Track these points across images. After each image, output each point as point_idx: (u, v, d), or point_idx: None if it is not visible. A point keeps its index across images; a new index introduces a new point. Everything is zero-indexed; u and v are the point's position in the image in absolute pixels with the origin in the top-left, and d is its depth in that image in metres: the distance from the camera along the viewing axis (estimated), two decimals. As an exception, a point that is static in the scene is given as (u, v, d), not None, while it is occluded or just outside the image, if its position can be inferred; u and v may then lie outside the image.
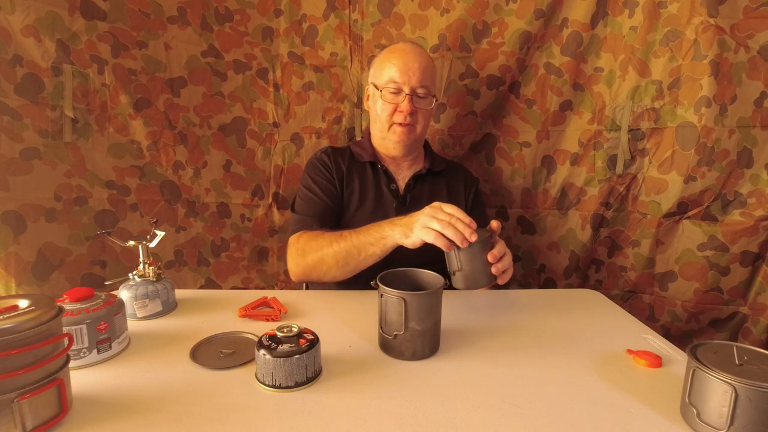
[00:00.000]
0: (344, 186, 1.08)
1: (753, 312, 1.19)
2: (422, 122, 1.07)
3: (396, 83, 1.02)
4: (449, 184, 1.14)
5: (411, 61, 1.03)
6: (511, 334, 0.77)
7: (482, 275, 0.77)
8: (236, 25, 1.29)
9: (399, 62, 1.03)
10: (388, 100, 1.04)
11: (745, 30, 1.08)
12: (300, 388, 0.58)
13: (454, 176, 1.17)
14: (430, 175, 1.12)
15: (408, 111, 1.02)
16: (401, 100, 1.03)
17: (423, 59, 1.05)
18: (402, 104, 1.03)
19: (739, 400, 0.46)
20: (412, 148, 1.11)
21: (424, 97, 1.04)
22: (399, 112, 1.04)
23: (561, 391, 0.59)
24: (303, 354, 0.58)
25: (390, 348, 0.67)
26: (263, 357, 0.58)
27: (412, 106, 1.03)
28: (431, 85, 1.06)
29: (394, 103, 1.04)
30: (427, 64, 1.05)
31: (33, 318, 0.47)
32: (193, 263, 1.33)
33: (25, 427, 0.47)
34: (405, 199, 1.09)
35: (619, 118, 1.22)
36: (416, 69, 1.02)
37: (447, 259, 0.78)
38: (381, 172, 1.10)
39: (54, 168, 1.08)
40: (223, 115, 1.32)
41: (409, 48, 1.06)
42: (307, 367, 0.59)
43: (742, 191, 1.16)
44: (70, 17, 1.06)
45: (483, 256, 0.76)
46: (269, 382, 0.58)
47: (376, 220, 1.04)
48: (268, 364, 0.57)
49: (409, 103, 1.02)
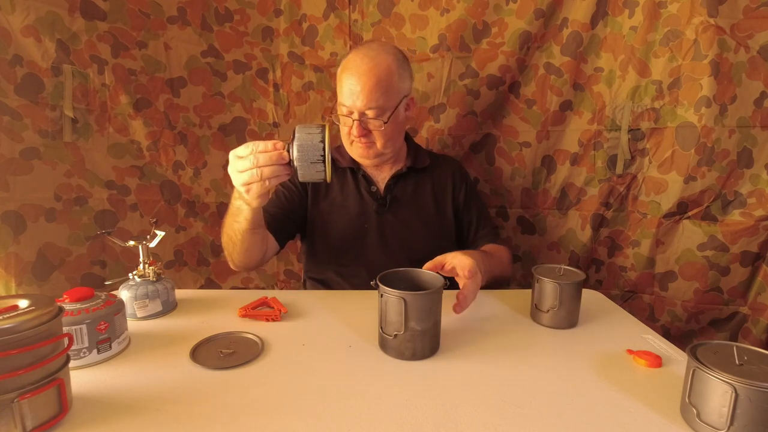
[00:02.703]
0: (325, 192, 1.08)
1: (753, 312, 1.19)
2: (381, 139, 1.01)
3: (345, 106, 0.98)
4: (434, 181, 1.12)
5: (355, 84, 0.95)
6: (510, 334, 0.77)
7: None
8: (236, 25, 1.29)
9: (346, 84, 0.97)
10: (342, 122, 1.01)
11: (745, 30, 1.07)
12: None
13: (441, 172, 1.13)
14: (413, 173, 1.10)
15: (357, 135, 0.98)
16: (350, 123, 0.99)
17: (372, 75, 0.95)
18: (352, 128, 0.99)
19: (739, 400, 0.46)
20: (382, 158, 1.07)
21: (375, 117, 0.97)
22: (352, 133, 1.00)
23: (561, 391, 0.59)
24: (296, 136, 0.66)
25: (390, 348, 0.67)
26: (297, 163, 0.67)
27: (361, 129, 0.98)
28: (384, 103, 0.97)
29: (347, 125, 1.00)
30: (379, 78, 0.95)
31: (33, 318, 0.47)
32: (193, 263, 1.33)
33: (25, 427, 0.47)
34: (385, 200, 1.07)
35: (619, 118, 1.22)
36: (359, 92, 0.95)
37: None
38: (360, 176, 1.08)
39: (54, 168, 1.08)
40: (223, 115, 1.32)
41: (357, 64, 0.96)
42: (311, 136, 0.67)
43: (742, 191, 1.15)
44: (70, 17, 1.06)
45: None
46: (321, 167, 0.67)
47: (358, 224, 1.06)
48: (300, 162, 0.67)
49: (358, 128, 0.97)
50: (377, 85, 0.95)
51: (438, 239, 1.08)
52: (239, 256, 0.94)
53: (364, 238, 1.06)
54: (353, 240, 1.06)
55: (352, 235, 1.06)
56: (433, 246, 1.00)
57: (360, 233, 1.06)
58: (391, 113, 0.99)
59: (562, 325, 0.78)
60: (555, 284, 0.76)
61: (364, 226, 1.06)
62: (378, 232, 1.06)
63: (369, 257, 1.06)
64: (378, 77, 0.95)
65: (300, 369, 0.64)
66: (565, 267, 0.81)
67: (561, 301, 0.76)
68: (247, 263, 0.97)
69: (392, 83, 0.98)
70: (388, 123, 0.99)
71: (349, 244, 1.06)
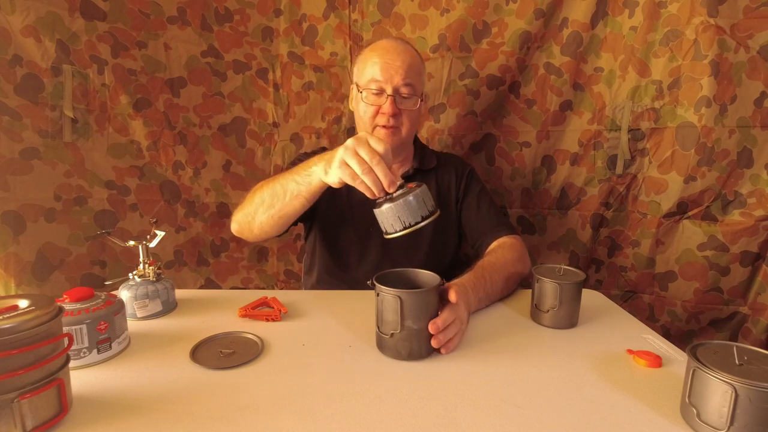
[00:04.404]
0: (334, 192, 1.07)
1: (753, 312, 1.19)
2: (408, 124, 0.99)
3: (377, 83, 0.95)
4: (439, 181, 1.10)
5: (393, 59, 0.95)
6: (510, 334, 0.77)
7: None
8: (236, 25, 1.29)
9: (380, 60, 0.95)
10: (369, 102, 0.97)
11: (745, 30, 1.08)
12: (421, 222, 0.65)
13: (445, 171, 1.11)
14: (419, 174, 1.08)
15: (390, 113, 0.95)
16: (383, 102, 0.96)
17: (408, 56, 0.97)
18: (384, 106, 0.95)
19: (739, 400, 0.46)
20: (398, 151, 1.04)
21: (408, 97, 0.97)
22: (381, 114, 0.97)
23: (561, 391, 0.59)
24: (418, 190, 0.65)
25: (387, 347, 0.67)
26: (387, 207, 0.65)
27: (395, 107, 0.95)
28: (417, 84, 0.98)
29: (376, 104, 0.97)
30: (413, 61, 0.98)
31: (33, 318, 0.47)
32: (193, 263, 1.33)
33: (25, 427, 0.47)
34: None
35: (619, 118, 1.22)
36: (399, 67, 0.94)
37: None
38: None
39: (54, 168, 1.08)
40: (222, 115, 1.32)
41: (392, 45, 0.98)
42: (425, 202, 0.65)
43: (742, 191, 1.16)
44: (70, 17, 1.06)
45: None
46: (399, 227, 0.65)
47: (363, 226, 1.04)
48: (391, 210, 0.65)
49: (392, 105, 0.95)
50: (413, 65, 0.98)
51: (441, 238, 1.08)
52: (266, 217, 0.86)
53: (367, 239, 1.06)
54: (357, 241, 1.06)
55: (356, 236, 1.06)
56: (436, 247, 0.99)
57: (364, 234, 1.06)
58: (421, 99, 1.01)
59: (562, 325, 0.78)
60: (555, 284, 0.76)
61: (368, 229, 1.05)
62: (381, 234, 1.06)
63: (372, 258, 1.06)
64: (413, 58, 0.99)
65: (300, 369, 0.64)
66: (565, 267, 0.81)
67: (561, 301, 0.76)
68: (263, 229, 0.90)
69: (421, 71, 1.02)
70: (417, 108, 1.00)
71: (353, 245, 1.06)
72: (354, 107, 1.05)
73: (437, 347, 0.66)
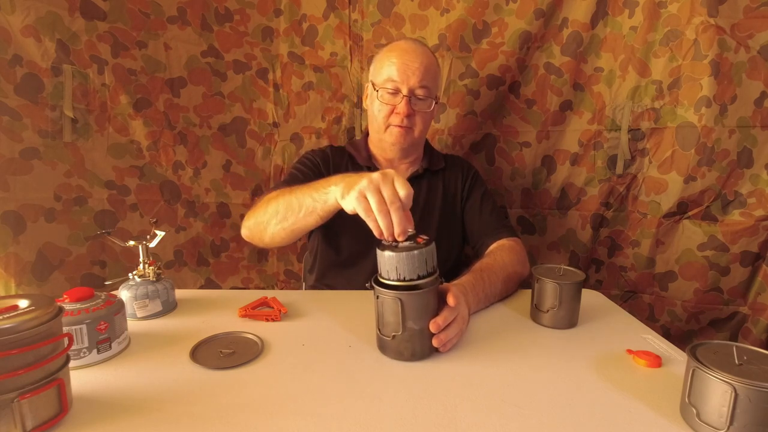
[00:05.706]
0: None
1: (753, 312, 1.19)
2: (420, 125, 1.02)
3: (394, 83, 0.98)
4: (446, 183, 1.11)
5: (411, 60, 0.97)
6: (510, 334, 0.77)
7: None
8: (236, 25, 1.29)
9: (398, 61, 0.98)
10: (385, 101, 0.99)
11: (745, 30, 1.08)
12: (415, 280, 0.64)
13: (452, 172, 1.13)
14: (428, 175, 1.10)
15: (405, 113, 0.97)
16: (398, 101, 0.98)
17: (425, 58, 0.99)
18: (399, 106, 0.98)
19: (739, 400, 0.46)
20: (410, 151, 1.07)
21: (423, 98, 0.99)
22: (396, 114, 0.99)
23: (561, 391, 0.59)
24: (423, 248, 0.64)
25: (389, 349, 0.67)
26: (388, 254, 0.64)
27: (410, 108, 0.98)
28: (432, 86, 1.01)
29: (391, 104, 0.99)
30: (429, 63, 1.00)
31: (33, 318, 0.47)
32: (193, 263, 1.33)
33: (25, 427, 0.47)
34: None
35: (619, 118, 1.22)
36: (416, 68, 0.97)
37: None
38: None
39: (54, 168, 1.08)
40: (223, 115, 1.32)
41: (411, 46, 1.00)
42: (427, 261, 0.64)
43: (742, 191, 1.16)
44: (70, 17, 1.06)
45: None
46: (394, 276, 0.64)
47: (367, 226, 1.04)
48: (392, 259, 0.64)
49: (407, 105, 0.97)
50: (429, 67, 1.00)
51: (446, 239, 1.08)
52: (278, 229, 0.86)
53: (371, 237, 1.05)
54: (363, 241, 1.06)
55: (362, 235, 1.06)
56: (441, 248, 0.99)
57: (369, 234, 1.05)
58: (435, 101, 1.02)
59: (562, 325, 0.78)
60: (555, 284, 0.76)
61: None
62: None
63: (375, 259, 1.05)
64: (430, 61, 1.01)
65: (300, 369, 0.64)
66: (565, 267, 0.81)
67: (561, 301, 0.76)
68: (274, 239, 0.90)
69: (437, 74, 1.04)
70: (431, 110, 1.02)
71: (358, 245, 1.06)
72: (368, 105, 1.07)
73: (438, 346, 0.66)
